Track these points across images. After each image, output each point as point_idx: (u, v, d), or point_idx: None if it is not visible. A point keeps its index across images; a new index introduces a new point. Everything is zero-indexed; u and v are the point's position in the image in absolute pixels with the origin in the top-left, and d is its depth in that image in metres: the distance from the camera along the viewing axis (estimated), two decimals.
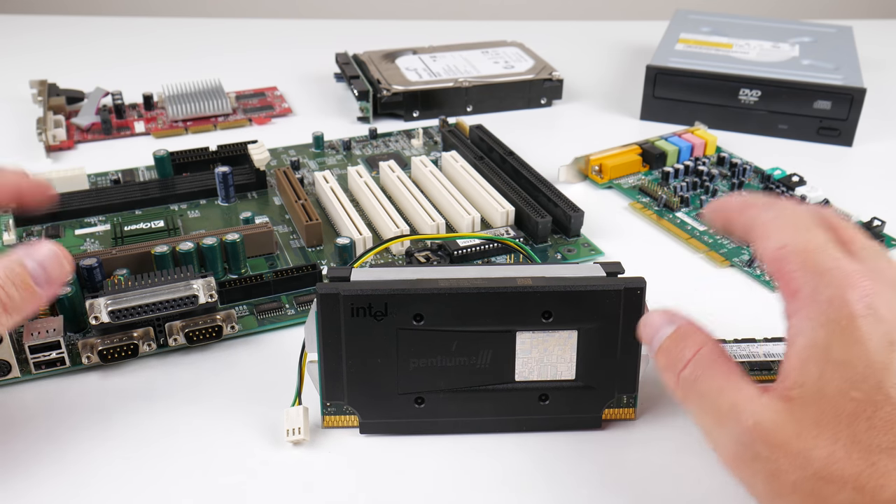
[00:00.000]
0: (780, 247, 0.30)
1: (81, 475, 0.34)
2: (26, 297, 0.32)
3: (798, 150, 0.64)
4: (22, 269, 0.33)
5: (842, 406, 0.26)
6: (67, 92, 0.70)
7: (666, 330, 0.32)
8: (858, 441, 0.26)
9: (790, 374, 0.28)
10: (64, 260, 0.34)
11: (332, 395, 0.34)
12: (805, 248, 0.29)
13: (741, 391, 0.28)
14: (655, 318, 0.32)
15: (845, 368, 0.27)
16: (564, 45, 0.89)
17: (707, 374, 0.29)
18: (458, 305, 0.33)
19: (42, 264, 0.33)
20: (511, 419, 0.35)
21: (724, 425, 0.28)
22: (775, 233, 0.30)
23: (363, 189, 0.53)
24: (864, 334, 0.27)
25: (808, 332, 0.28)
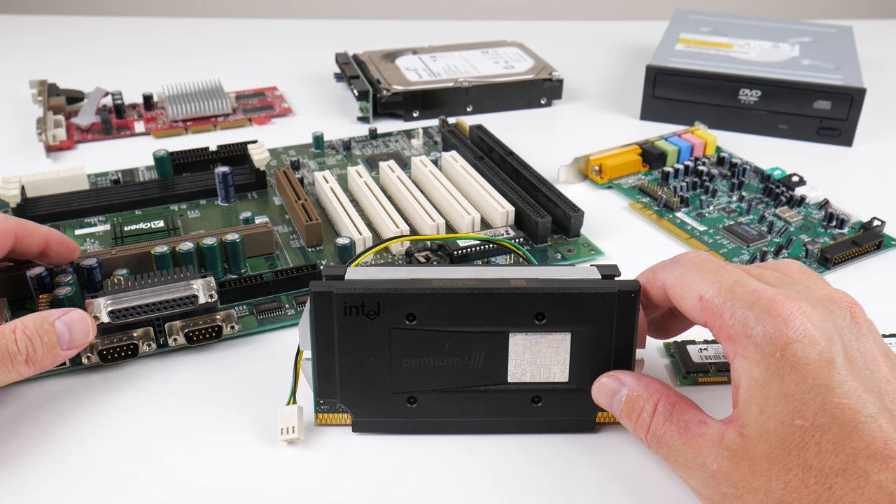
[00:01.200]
0: (700, 297, 0.31)
1: (81, 475, 0.34)
2: (47, 354, 0.35)
3: (798, 150, 0.64)
4: (51, 328, 0.35)
5: (788, 436, 0.27)
6: (67, 92, 0.70)
7: (621, 394, 0.33)
8: (811, 467, 0.26)
9: (740, 413, 0.29)
10: (91, 327, 0.37)
11: (325, 393, 0.34)
12: (722, 288, 0.30)
13: (701, 439, 0.30)
14: (606, 383, 0.33)
15: (785, 400, 0.27)
16: (564, 45, 0.89)
17: (668, 431, 0.31)
18: (451, 306, 0.33)
19: (70, 328, 0.36)
20: (503, 420, 0.35)
21: (693, 473, 0.30)
22: (690, 286, 0.32)
23: (363, 189, 0.53)
24: (799, 359, 0.27)
25: (747, 371, 0.29)
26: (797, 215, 0.53)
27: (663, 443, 0.31)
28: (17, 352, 0.34)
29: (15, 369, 0.35)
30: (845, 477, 0.25)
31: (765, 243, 0.50)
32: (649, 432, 0.32)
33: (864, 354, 0.28)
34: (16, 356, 0.34)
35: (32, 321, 0.35)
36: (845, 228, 0.51)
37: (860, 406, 0.26)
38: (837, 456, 0.26)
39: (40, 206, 0.52)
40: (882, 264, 0.49)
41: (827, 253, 0.48)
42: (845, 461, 0.26)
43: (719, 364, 0.39)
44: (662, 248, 0.51)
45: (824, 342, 0.28)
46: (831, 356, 0.27)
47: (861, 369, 0.28)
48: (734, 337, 0.29)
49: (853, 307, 0.30)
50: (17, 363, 0.34)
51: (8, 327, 0.35)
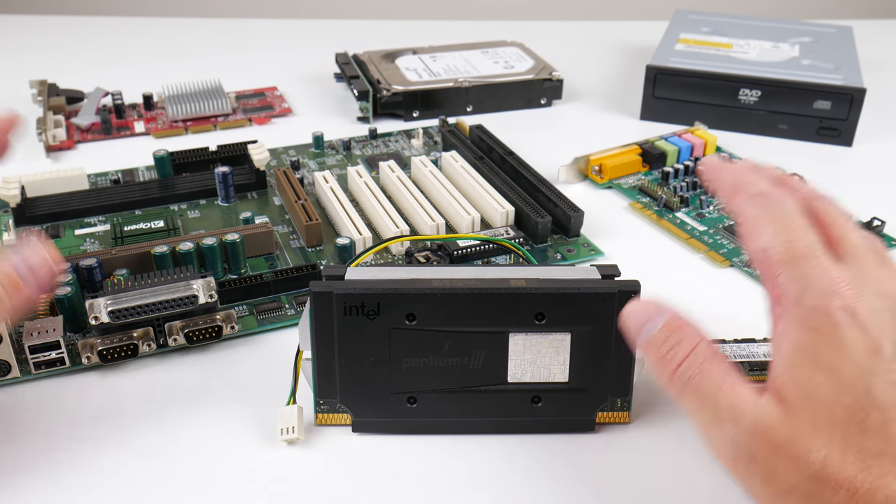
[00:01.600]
0: (764, 248, 0.29)
1: (80, 475, 0.34)
2: (15, 298, 0.32)
3: (798, 150, 0.64)
4: (8, 269, 0.32)
5: (834, 410, 0.26)
6: (67, 92, 0.70)
7: (656, 321, 0.30)
8: (851, 445, 0.26)
9: (782, 376, 0.28)
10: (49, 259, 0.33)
11: (324, 393, 0.34)
12: (788, 251, 0.29)
13: (738, 391, 0.28)
14: (642, 308, 0.31)
15: (833, 374, 0.27)
16: (564, 45, 0.89)
17: (704, 373, 0.29)
18: (451, 306, 0.33)
19: (31, 266, 0.33)
20: (503, 420, 0.35)
21: (722, 425, 0.28)
22: (760, 232, 0.30)
23: (363, 189, 0.53)
24: (846, 342, 0.27)
25: (794, 335, 0.28)
26: None
27: (694, 384, 0.29)
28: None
29: None
30: (882, 460, 0.25)
31: None
32: (680, 368, 0.29)
33: None
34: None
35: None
36: None
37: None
38: (877, 439, 0.26)
39: (40, 206, 0.52)
40: None
41: None
42: (884, 446, 0.26)
43: None
44: (662, 248, 0.51)
45: (875, 331, 0.27)
46: (880, 345, 0.27)
47: None
48: (784, 300, 0.28)
49: None
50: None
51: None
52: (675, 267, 0.49)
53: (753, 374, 0.39)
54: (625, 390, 0.35)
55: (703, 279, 0.48)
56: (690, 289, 0.47)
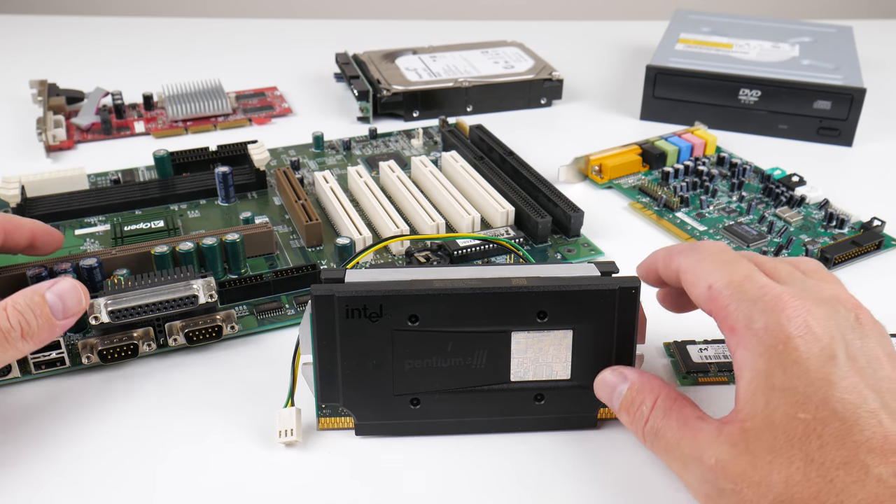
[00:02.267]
0: (709, 286, 0.31)
1: (80, 475, 0.34)
2: (44, 326, 0.35)
3: (798, 150, 0.64)
4: (42, 300, 0.35)
5: (792, 429, 0.27)
6: (67, 92, 0.70)
7: (621, 388, 0.33)
8: (812, 460, 0.26)
9: (742, 406, 0.29)
10: (83, 294, 0.36)
11: (327, 397, 0.34)
12: (731, 281, 0.31)
13: (700, 435, 0.30)
14: (608, 377, 0.33)
15: (789, 393, 0.27)
16: (564, 45, 0.89)
17: (666, 425, 0.31)
18: (453, 306, 0.33)
19: (62, 297, 0.35)
20: (507, 419, 0.35)
21: (689, 468, 0.30)
22: (701, 275, 0.32)
23: (363, 189, 0.53)
24: (801, 354, 0.28)
25: (750, 363, 0.29)
26: (797, 215, 0.53)
27: (660, 437, 0.31)
28: (10, 328, 0.34)
29: (13, 346, 0.34)
30: (846, 470, 0.26)
31: (765, 243, 0.50)
32: (647, 425, 0.32)
33: (867, 353, 0.28)
34: (10, 333, 0.34)
35: (22, 296, 0.35)
36: (845, 228, 0.51)
37: (861, 401, 0.27)
38: (839, 450, 0.26)
39: (40, 206, 0.52)
40: (882, 264, 0.49)
41: (827, 253, 0.48)
42: (846, 455, 0.26)
43: (720, 364, 0.39)
44: None
45: (826, 339, 0.28)
46: (833, 352, 0.28)
47: (863, 367, 0.28)
48: (737, 329, 0.30)
49: (858, 309, 0.30)
50: (13, 340, 0.34)
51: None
52: None
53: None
54: None
55: None
56: None
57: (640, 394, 0.32)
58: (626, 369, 0.33)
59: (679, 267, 0.34)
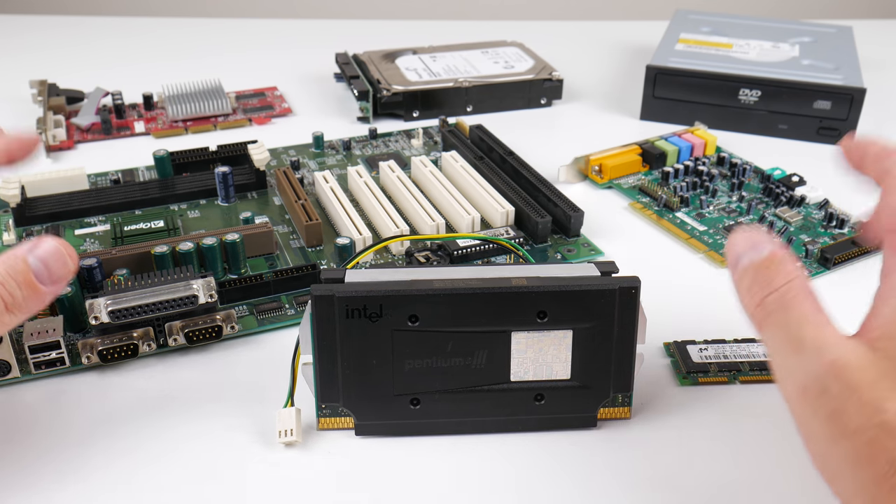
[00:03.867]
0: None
1: (80, 475, 0.34)
2: (29, 294, 0.31)
3: (798, 150, 0.64)
4: (24, 266, 0.31)
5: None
6: (67, 92, 0.70)
7: (760, 250, 0.30)
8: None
9: (881, 325, 0.27)
10: (67, 257, 0.33)
11: (327, 398, 0.34)
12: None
13: (827, 328, 0.27)
14: (748, 235, 0.31)
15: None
16: (564, 45, 0.89)
17: (795, 304, 0.28)
18: (454, 306, 0.33)
19: (45, 261, 0.32)
20: (507, 419, 0.35)
21: (802, 355, 0.27)
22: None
23: (363, 189, 0.53)
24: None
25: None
26: (797, 215, 0.53)
27: (787, 309, 0.28)
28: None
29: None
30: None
31: None
32: (770, 297, 0.29)
33: None
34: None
35: (2, 264, 0.31)
36: (845, 228, 0.51)
37: None
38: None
39: (40, 206, 0.52)
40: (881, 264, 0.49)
41: (827, 253, 0.48)
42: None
43: (720, 364, 0.39)
44: (662, 248, 0.51)
45: None
46: None
47: None
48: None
49: None
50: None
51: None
52: (675, 267, 0.49)
53: (753, 374, 0.39)
54: (626, 386, 0.35)
55: (703, 279, 0.48)
56: (690, 289, 0.47)
57: (777, 265, 0.29)
58: (769, 237, 0.30)
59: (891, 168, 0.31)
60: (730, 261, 0.31)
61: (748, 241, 0.30)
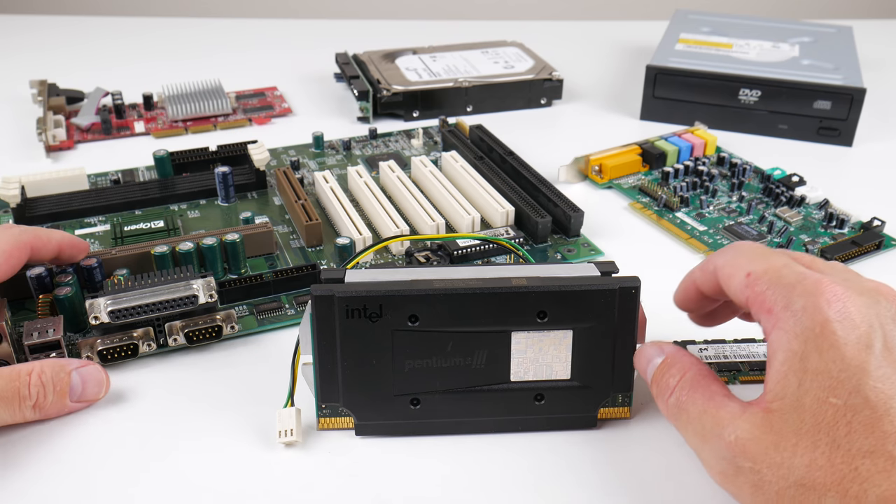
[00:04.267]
0: (747, 274, 0.31)
1: (80, 474, 0.34)
2: (56, 402, 0.35)
3: (798, 150, 0.64)
4: (67, 379, 0.36)
5: (821, 413, 0.27)
6: (67, 92, 0.70)
7: (656, 360, 0.33)
8: (839, 446, 0.26)
9: (772, 387, 0.28)
10: (105, 384, 0.37)
11: (327, 398, 0.34)
12: (770, 267, 0.31)
13: (723, 409, 0.29)
14: (647, 349, 0.34)
15: (822, 376, 0.27)
16: (564, 45, 0.89)
17: (690, 398, 0.31)
18: (454, 306, 0.33)
19: (85, 382, 0.36)
20: (507, 419, 0.35)
21: (708, 443, 0.29)
22: (739, 266, 0.32)
23: (363, 189, 0.53)
24: (838, 339, 0.27)
25: (785, 344, 0.28)
26: (797, 215, 0.53)
27: (683, 409, 0.31)
28: (27, 396, 0.34)
29: (21, 412, 0.35)
30: (872, 459, 0.25)
31: (765, 243, 0.50)
32: (671, 397, 0.31)
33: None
34: (25, 400, 0.34)
35: (50, 368, 0.35)
36: (845, 228, 0.51)
37: (894, 392, 0.26)
38: (867, 438, 0.26)
39: (40, 206, 0.52)
40: (882, 264, 0.49)
41: (827, 253, 0.48)
42: (874, 444, 0.26)
43: (720, 364, 0.39)
44: (662, 248, 0.51)
45: (864, 327, 0.28)
46: (870, 341, 0.27)
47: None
48: (774, 310, 0.29)
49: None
50: (24, 407, 0.35)
51: (24, 369, 0.35)
52: (675, 267, 0.49)
53: (753, 374, 0.39)
54: (626, 386, 0.35)
55: None
56: None
57: (670, 367, 0.32)
58: (665, 344, 0.34)
59: (716, 265, 0.33)
60: (642, 376, 0.34)
61: (643, 357, 0.34)
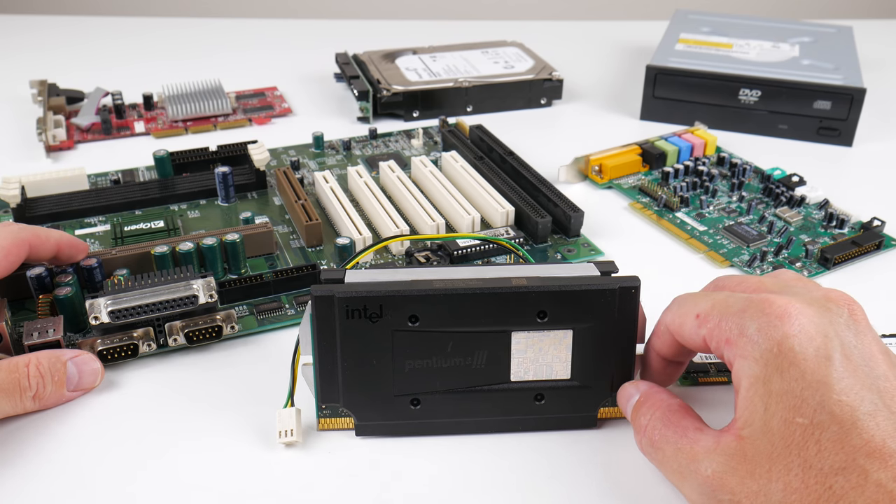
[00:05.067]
0: (696, 316, 0.31)
1: (80, 474, 0.34)
2: (54, 392, 0.36)
3: (798, 150, 0.64)
4: (63, 368, 0.37)
5: (789, 435, 0.27)
6: (67, 92, 0.70)
7: (633, 399, 0.33)
8: (811, 466, 0.26)
9: (740, 415, 0.29)
10: (99, 372, 0.38)
11: (327, 398, 0.34)
12: (715, 303, 0.31)
13: (696, 445, 0.29)
14: (626, 388, 0.34)
15: (786, 397, 0.27)
16: (564, 45, 0.89)
17: (662, 436, 0.31)
18: (453, 306, 0.33)
19: (81, 371, 0.37)
20: (507, 419, 0.35)
21: (687, 480, 0.29)
22: (686, 312, 0.32)
23: (363, 189, 0.53)
24: (797, 355, 0.27)
25: (747, 370, 0.29)
26: (797, 215, 0.53)
27: (658, 447, 0.31)
28: (27, 387, 0.35)
29: (21, 403, 0.35)
30: (845, 475, 0.25)
31: (765, 243, 0.50)
32: (645, 435, 0.32)
33: (863, 351, 0.28)
34: (25, 391, 0.35)
35: (47, 359, 0.36)
36: (845, 228, 0.51)
37: (858, 403, 0.26)
38: (837, 454, 0.26)
39: (40, 206, 0.52)
40: (882, 264, 0.49)
41: (827, 253, 0.48)
42: (845, 459, 0.26)
43: (719, 364, 0.39)
44: (662, 249, 0.51)
45: (820, 338, 0.28)
46: (828, 353, 0.27)
47: (859, 366, 0.28)
48: (732, 340, 0.29)
49: (851, 305, 0.30)
50: (24, 398, 0.35)
51: (22, 361, 0.35)
52: (675, 267, 0.49)
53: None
54: None
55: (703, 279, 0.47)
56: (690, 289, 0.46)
57: (642, 405, 0.32)
58: (641, 383, 0.34)
59: (665, 322, 0.34)
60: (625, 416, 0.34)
61: (623, 395, 0.34)
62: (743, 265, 0.48)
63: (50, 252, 0.41)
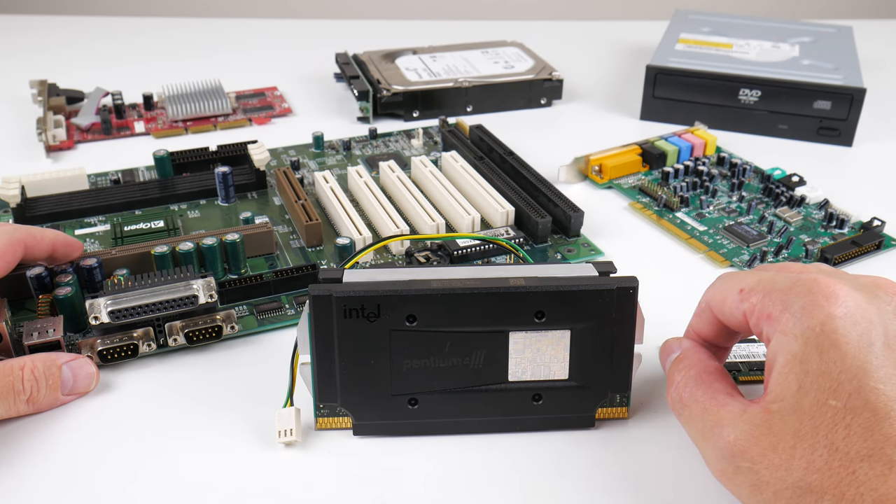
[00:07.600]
0: (739, 290, 0.31)
1: (79, 474, 0.34)
2: (49, 395, 0.36)
3: (798, 150, 0.64)
4: (58, 372, 0.36)
5: (820, 416, 0.27)
6: (67, 92, 0.70)
7: (673, 354, 0.34)
8: (837, 449, 0.26)
9: (772, 389, 0.28)
10: (95, 381, 0.38)
11: (325, 397, 0.34)
12: (761, 279, 0.31)
13: (724, 408, 0.29)
14: (670, 343, 0.35)
15: (822, 378, 0.27)
16: (564, 45, 0.89)
17: (692, 395, 0.31)
18: (451, 306, 0.33)
19: (76, 375, 0.37)
20: (504, 419, 0.35)
21: (709, 441, 0.30)
22: (728, 289, 0.32)
23: (363, 189, 0.53)
24: (840, 336, 0.27)
25: (786, 346, 0.28)
26: (797, 215, 0.53)
27: (686, 405, 0.31)
28: (21, 390, 0.35)
29: (15, 406, 0.35)
30: (870, 463, 0.25)
31: (765, 243, 0.50)
32: (676, 392, 0.32)
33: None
34: (19, 394, 0.35)
35: (42, 362, 0.36)
36: (845, 228, 0.51)
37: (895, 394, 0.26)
38: (865, 441, 0.26)
39: (40, 206, 0.52)
40: (882, 264, 0.49)
41: (827, 253, 0.48)
42: (872, 447, 0.25)
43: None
44: (662, 249, 0.51)
45: (865, 324, 0.27)
46: (871, 339, 0.27)
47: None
48: (774, 315, 0.29)
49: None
50: (18, 401, 0.35)
51: (17, 364, 0.35)
52: (675, 267, 0.49)
53: (753, 374, 0.39)
54: (624, 386, 0.35)
55: (703, 279, 0.47)
56: (691, 289, 0.46)
57: (680, 361, 0.33)
58: (685, 340, 0.34)
59: (707, 299, 0.34)
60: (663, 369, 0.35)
61: (665, 350, 0.35)
62: (743, 265, 0.48)
63: (45, 252, 0.41)
